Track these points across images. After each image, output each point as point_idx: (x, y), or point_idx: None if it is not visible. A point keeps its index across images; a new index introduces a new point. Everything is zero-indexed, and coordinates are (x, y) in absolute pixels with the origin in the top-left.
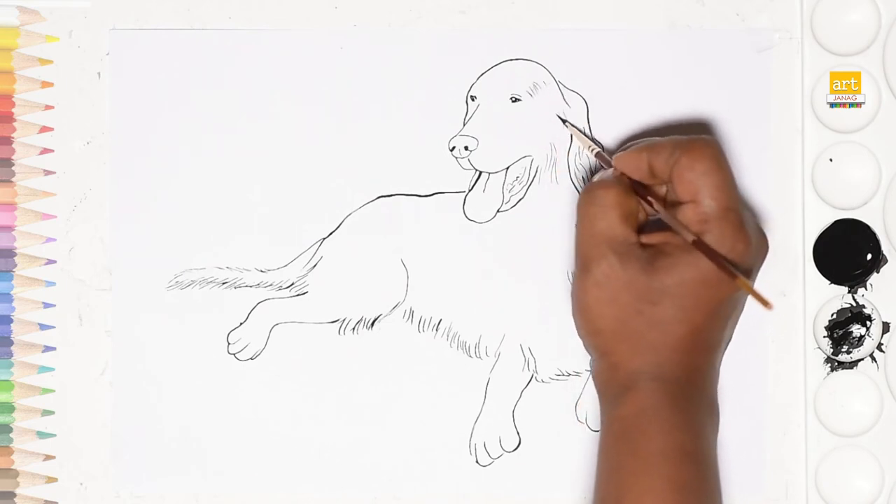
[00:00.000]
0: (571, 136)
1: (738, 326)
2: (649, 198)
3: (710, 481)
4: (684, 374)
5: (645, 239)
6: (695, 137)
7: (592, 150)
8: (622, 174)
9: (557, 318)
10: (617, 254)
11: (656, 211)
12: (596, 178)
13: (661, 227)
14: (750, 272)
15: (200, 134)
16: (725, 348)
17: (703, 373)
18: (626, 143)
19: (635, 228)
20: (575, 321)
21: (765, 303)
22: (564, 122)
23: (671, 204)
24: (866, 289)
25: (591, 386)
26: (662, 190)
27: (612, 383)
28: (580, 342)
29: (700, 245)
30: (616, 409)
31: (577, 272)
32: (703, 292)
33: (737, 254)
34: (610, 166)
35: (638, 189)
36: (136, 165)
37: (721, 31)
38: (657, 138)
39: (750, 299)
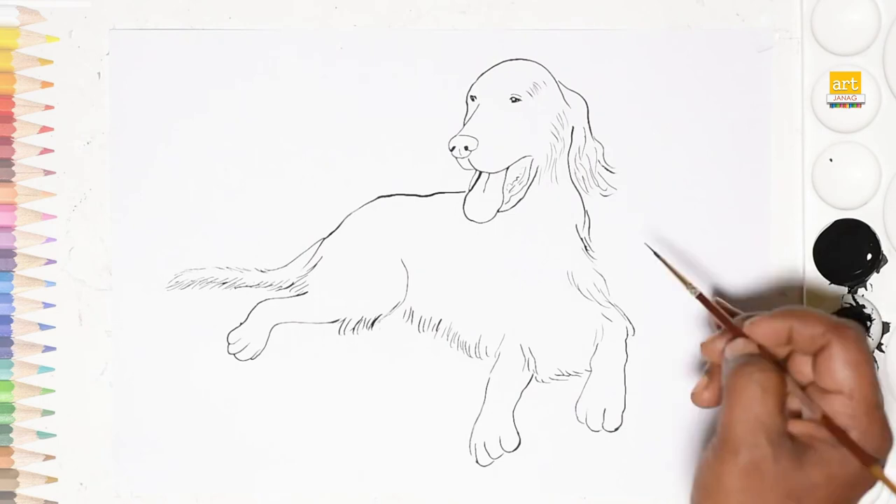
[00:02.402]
0: (572, 136)
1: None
2: (788, 378)
3: None
4: None
5: (790, 428)
6: (846, 324)
7: (717, 316)
8: (760, 346)
9: (557, 318)
10: (771, 444)
11: (790, 391)
12: (739, 351)
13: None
14: (884, 465)
15: (200, 134)
16: None
17: None
18: (749, 314)
19: (786, 417)
20: (698, 497)
21: (894, 489)
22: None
23: (807, 381)
24: (866, 289)
25: (591, 386)
26: (784, 352)
27: None
28: (580, 342)
29: (834, 429)
30: None
31: (719, 451)
32: (847, 492)
33: (881, 452)
34: (729, 327)
35: (781, 367)
36: (136, 165)
37: (721, 31)
38: (801, 307)
39: None
